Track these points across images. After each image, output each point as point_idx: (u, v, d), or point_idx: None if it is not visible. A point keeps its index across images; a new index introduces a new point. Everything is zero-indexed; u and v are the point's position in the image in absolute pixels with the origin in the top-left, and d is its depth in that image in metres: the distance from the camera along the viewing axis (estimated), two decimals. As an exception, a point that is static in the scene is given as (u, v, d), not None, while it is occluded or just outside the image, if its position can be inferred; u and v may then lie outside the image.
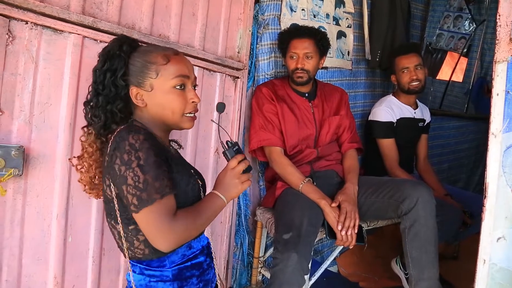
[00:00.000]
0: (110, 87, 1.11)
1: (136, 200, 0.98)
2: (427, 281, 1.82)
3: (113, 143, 1.03)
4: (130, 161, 0.98)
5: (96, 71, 1.12)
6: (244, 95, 2.19)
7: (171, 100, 1.13)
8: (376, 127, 2.53)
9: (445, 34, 4.11)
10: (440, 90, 4.19)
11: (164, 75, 1.12)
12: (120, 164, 0.99)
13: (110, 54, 1.11)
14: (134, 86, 1.12)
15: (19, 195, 1.31)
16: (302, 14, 2.43)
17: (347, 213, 1.83)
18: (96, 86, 1.12)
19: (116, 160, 0.99)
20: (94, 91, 1.13)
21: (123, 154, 0.98)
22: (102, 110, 1.12)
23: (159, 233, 1.00)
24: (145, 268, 1.09)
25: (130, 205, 0.99)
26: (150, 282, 1.08)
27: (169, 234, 1.00)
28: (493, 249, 1.30)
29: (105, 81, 1.10)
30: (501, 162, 1.28)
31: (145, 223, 1.00)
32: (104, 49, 1.13)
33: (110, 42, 1.15)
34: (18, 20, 1.27)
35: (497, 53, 1.29)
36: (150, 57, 1.12)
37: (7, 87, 1.26)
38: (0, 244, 1.29)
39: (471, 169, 4.24)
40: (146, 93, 1.12)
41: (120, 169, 0.99)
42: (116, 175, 1.00)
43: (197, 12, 1.88)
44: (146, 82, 1.12)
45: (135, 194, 0.98)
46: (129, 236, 1.08)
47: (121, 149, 0.99)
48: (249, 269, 2.36)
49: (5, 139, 1.27)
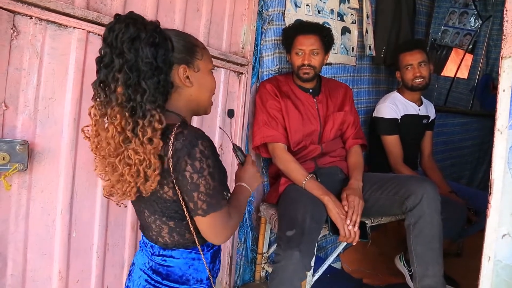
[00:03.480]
0: (163, 65, 1.04)
1: (206, 205, 1.04)
2: (432, 277, 1.82)
3: (180, 149, 1.00)
4: (202, 169, 1.01)
5: (150, 46, 1.00)
6: (248, 91, 2.19)
7: (211, 80, 1.20)
8: (380, 123, 2.53)
9: (450, 31, 4.09)
10: (445, 87, 4.18)
11: (205, 58, 1.17)
12: (192, 172, 1.01)
13: (153, 27, 1.03)
14: (182, 65, 1.11)
15: (23, 190, 1.32)
16: (306, 10, 2.42)
17: (354, 206, 1.83)
18: (150, 61, 1.00)
19: (187, 167, 1.01)
20: (149, 68, 1.01)
21: (194, 162, 1.00)
22: (160, 93, 1.04)
23: (220, 234, 1.10)
24: (188, 252, 1.16)
25: (198, 209, 1.04)
26: (194, 264, 1.17)
27: (228, 232, 1.12)
28: (498, 246, 1.30)
29: (157, 58, 1.02)
30: (507, 159, 1.27)
31: (209, 226, 1.08)
32: (138, 21, 1.02)
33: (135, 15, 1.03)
34: (23, 15, 1.27)
35: (504, 49, 1.27)
36: (192, 40, 1.16)
37: (12, 82, 1.27)
38: (5, 239, 1.30)
39: (475, 166, 4.23)
40: (193, 73, 1.14)
41: (192, 176, 1.01)
42: (187, 182, 1.02)
43: (201, 8, 1.88)
44: (194, 62, 1.14)
45: (205, 201, 1.03)
46: (182, 230, 1.14)
47: (192, 156, 1.00)
48: (253, 265, 2.37)
49: (10, 134, 1.28)
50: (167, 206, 1.09)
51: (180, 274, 1.15)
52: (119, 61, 0.99)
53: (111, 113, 1.02)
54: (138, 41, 1.00)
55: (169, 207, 1.09)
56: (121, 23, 1.00)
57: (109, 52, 1.00)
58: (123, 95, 1.00)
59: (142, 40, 1.00)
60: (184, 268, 1.16)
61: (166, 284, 1.14)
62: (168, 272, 1.15)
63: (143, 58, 1.00)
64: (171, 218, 1.11)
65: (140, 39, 1.00)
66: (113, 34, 0.99)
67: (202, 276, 1.18)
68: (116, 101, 1.00)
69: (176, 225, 1.12)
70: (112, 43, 0.99)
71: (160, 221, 1.13)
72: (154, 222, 1.14)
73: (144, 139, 1.00)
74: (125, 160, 1.04)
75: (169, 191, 1.06)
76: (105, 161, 1.09)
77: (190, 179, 1.01)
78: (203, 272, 1.18)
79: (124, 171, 1.05)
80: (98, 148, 1.09)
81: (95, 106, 1.06)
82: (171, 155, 1.01)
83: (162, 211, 1.11)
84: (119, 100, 1.00)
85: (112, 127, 1.03)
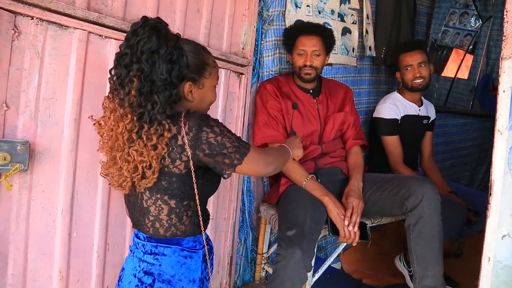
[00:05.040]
0: (176, 81, 1.13)
1: (238, 154, 1.15)
2: (432, 278, 1.82)
3: (193, 125, 1.10)
4: (221, 131, 1.13)
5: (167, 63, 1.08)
6: (249, 92, 2.19)
7: (211, 95, 1.30)
8: (380, 124, 2.53)
9: (450, 31, 4.09)
10: (445, 87, 4.17)
11: (213, 76, 1.26)
12: (215, 135, 1.12)
13: (173, 44, 1.11)
14: (189, 82, 1.19)
15: (24, 190, 1.32)
16: (307, 11, 2.42)
17: (353, 208, 1.83)
18: (165, 77, 1.08)
19: (209, 135, 1.11)
20: (163, 83, 1.08)
21: (213, 128, 1.12)
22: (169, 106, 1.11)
23: (265, 161, 1.24)
24: (180, 249, 1.18)
25: (233, 160, 1.14)
26: (186, 263, 1.18)
27: (270, 158, 1.27)
28: (498, 246, 1.29)
29: (172, 74, 1.10)
30: (507, 160, 1.27)
31: (251, 166, 1.19)
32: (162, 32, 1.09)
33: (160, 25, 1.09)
34: (24, 16, 1.27)
35: (504, 50, 1.27)
36: (205, 58, 1.23)
37: (13, 82, 1.27)
38: (6, 239, 1.30)
39: (475, 167, 4.23)
40: (197, 90, 1.22)
41: (217, 139, 1.12)
42: (214, 146, 1.12)
43: (202, 8, 1.88)
44: (200, 81, 1.22)
45: (235, 151, 1.14)
46: (181, 211, 1.17)
47: (209, 126, 1.12)
48: (253, 265, 2.37)
49: (11, 134, 1.28)
50: (172, 182, 1.14)
51: (172, 273, 1.16)
52: (137, 67, 1.06)
53: (123, 112, 1.09)
54: (156, 55, 1.07)
55: (174, 183, 1.14)
56: (145, 30, 1.06)
57: (130, 54, 1.06)
58: (135, 100, 1.07)
59: (160, 56, 1.07)
60: (176, 267, 1.16)
61: (159, 286, 1.15)
62: (160, 272, 1.16)
63: (158, 73, 1.07)
64: (173, 196, 1.15)
65: (159, 55, 1.07)
66: (135, 39, 1.06)
67: (194, 275, 1.18)
68: (128, 102, 1.07)
69: (177, 205, 1.16)
70: (133, 47, 1.06)
71: (161, 200, 1.16)
72: (154, 203, 1.17)
73: (148, 144, 1.08)
74: (124, 157, 1.13)
75: (181, 164, 1.12)
76: (110, 153, 1.16)
77: (216, 142, 1.12)
78: (196, 272, 1.19)
79: (122, 165, 1.13)
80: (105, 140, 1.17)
81: (110, 98, 1.13)
82: (185, 132, 1.09)
83: (166, 188, 1.15)
84: (132, 102, 1.07)
85: (122, 124, 1.10)
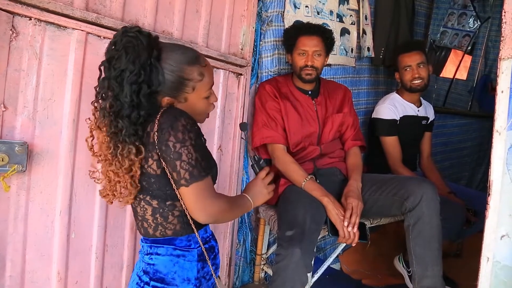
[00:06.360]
0: (145, 100, 1.09)
1: (188, 175, 1.07)
2: (431, 278, 1.82)
3: (164, 122, 1.07)
4: (184, 140, 1.06)
5: (132, 85, 1.05)
6: (247, 92, 2.19)
7: (201, 107, 1.23)
8: (379, 124, 2.53)
9: (449, 32, 4.09)
10: (444, 88, 4.18)
11: (200, 90, 1.19)
12: (175, 141, 1.06)
13: (142, 62, 1.07)
14: (167, 97, 1.15)
15: (22, 191, 1.32)
16: (305, 11, 2.42)
17: (352, 208, 1.83)
18: (130, 100, 1.06)
19: (170, 137, 1.06)
20: (128, 105, 1.06)
21: (177, 133, 1.06)
22: (140, 124, 1.10)
23: (203, 206, 1.10)
24: (173, 249, 1.16)
25: (181, 179, 1.08)
26: (178, 262, 1.16)
27: (211, 208, 1.11)
28: (497, 246, 1.30)
29: (140, 94, 1.07)
30: (506, 160, 1.28)
31: (192, 196, 1.09)
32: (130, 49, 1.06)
33: (131, 40, 1.06)
34: (22, 16, 1.27)
35: (502, 50, 1.28)
36: (186, 73, 1.15)
37: (11, 83, 1.27)
38: (4, 240, 1.30)
39: (474, 167, 4.24)
40: (179, 103, 1.18)
41: (175, 146, 1.06)
42: (170, 151, 1.06)
43: (201, 9, 1.88)
44: (181, 96, 1.17)
45: (187, 170, 1.07)
46: (165, 212, 1.15)
47: (176, 128, 1.06)
48: (252, 266, 2.37)
49: (9, 135, 1.28)
50: (151, 182, 1.13)
51: (165, 272, 1.15)
52: (108, 84, 1.07)
53: (101, 123, 1.11)
54: (124, 75, 1.05)
55: (152, 184, 1.12)
56: (121, 43, 1.06)
57: (107, 67, 1.08)
58: (109, 118, 1.08)
59: (126, 77, 1.05)
60: (169, 265, 1.15)
61: (154, 285, 1.14)
62: (154, 271, 1.16)
63: (123, 95, 1.06)
64: (154, 196, 1.14)
65: (125, 75, 1.05)
66: (112, 52, 1.07)
67: (189, 274, 1.16)
68: (103, 116, 1.09)
69: (160, 205, 1.15)
70: (110, 61, 1.07)
71: (144, 201, 1.16)
72: (139, 204, 1.18)
73: (122, 168, 1.09)
74: (106, 174, 1.16)
75: (153, 164, 1.10)
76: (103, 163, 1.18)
77: (173, 148, 1.06)
78: (190, 270, 1.17)
79: (105, 184, 1.17)
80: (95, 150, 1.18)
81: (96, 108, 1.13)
82: (156, 130, 1.07)
83: (146, 188, 1.14)
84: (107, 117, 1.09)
85: (102, 136, 1.12)
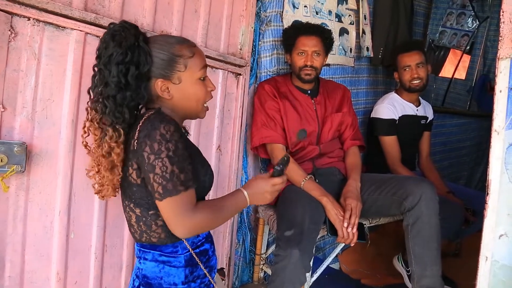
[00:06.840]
0: (134, 81, 1.08)
1: (162, 189, 1.03)
2: (430, 278, 1.82)
3: (143, 130, 1.05)
4: (160, 151, 1.01)
5: (118, 65, 1.05)
6: (246, 92, 2.19)
7: (197, 90, 1.18)
8: (378, 124, 2.53)
9: (448, 31, 4.10)
10: (443, 88, 4.19)
11: (192, 68, 1.16)
12: (150, 152, 1.02)
13: (128, 44, 1.06)
14: (159, 79, 1.13)
15: (21, 191, 1.32)
16: (304, 11, 2.42)
17: (352, 209, 1.83)
18: (117, 80, 1.05)
19: (146, 148, 1.02)
20: (115, 85, 1.06)
21: (153, 143, 1.02)
22: (127, 107, 1.09)
23: (179, 222, 1.06)
24: (159, 255, 1.15)
25: (155, 192, 1.04)
26: (164, 268, 1.14)
27: (188, 223, 1.06)
28: (495, 246, 1.30)
29: (128, 75, 1.06)
30: (504, 159, 1.28)
31: (167, 211, 1.06)
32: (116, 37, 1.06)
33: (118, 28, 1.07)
34: (20, 17, 1.27)
35: (500, 50, 1.28)
36: (175, 50, 1.14)
37: (10, 83, 1.26)
38: (3, 240, 1.29)
39: (473, 167, 4.24)
40: (173, 85, 1.15)
41: (149, 157, 1.02)
42: (144, 162, 1.03)
43: (200, 9, 1.88)
44: (174, 75, 1.14)
45: (161, 183, 1.03)
46: (148, 220, 1.13)
47: (152, 138, 1.02)
48: (251, 266, 2.37)
49: (8, 135, 1.27)
50: (133, 191, 1.12)
51: (152, 277, 1.14)
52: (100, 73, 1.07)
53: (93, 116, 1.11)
54: (111, 59, 1.06)
55: (135, 192, 1.12)
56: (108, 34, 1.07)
57: (97, 61, 1.09)
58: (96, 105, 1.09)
59: (112, 59, 1.05)
60: (155, 271, 1.14)
61: None
62: (142, 276, 1.16)
63: (111, 76, 1.05)
64: (137, 205, 1.13)
65: (112, 58, 1.05)
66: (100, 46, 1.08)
67: (176, 280, 1.14)
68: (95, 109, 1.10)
69: (142, 213, 1.13)
70: (99, 54, 1.08)
71: (129, 207, 1.16)
72: (125, 209, 1.18)
73: (103, 151, 1.09)
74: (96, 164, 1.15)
75: (133, 173, 1.09)
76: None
77: (147, 160, 1.03)
78: (177, 276, 1.14)
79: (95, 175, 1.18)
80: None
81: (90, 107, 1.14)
82: (136, 137, 1.05)
83: (130, 196, 1.14)
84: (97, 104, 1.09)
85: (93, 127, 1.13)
